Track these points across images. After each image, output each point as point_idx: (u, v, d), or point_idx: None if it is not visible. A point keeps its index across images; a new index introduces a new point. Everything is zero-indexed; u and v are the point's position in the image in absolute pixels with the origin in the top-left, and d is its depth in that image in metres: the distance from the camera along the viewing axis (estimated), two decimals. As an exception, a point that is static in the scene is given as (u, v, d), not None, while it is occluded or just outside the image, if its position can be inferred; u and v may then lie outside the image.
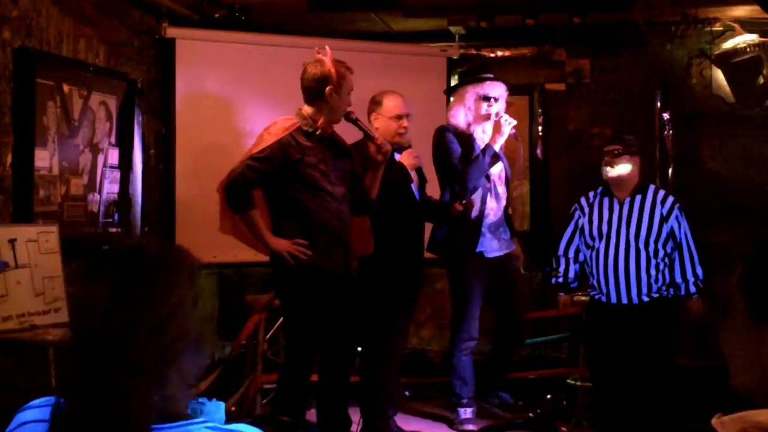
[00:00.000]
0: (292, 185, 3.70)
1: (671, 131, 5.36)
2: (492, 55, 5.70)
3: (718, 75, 5.27)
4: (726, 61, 5.14)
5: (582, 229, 4.30)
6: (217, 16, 4.94)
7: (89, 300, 1.21)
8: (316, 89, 3.72)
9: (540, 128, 5.66)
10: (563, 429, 4.51)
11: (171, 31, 4.80)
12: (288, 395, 3.83)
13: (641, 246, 4.07)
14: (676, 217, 4.12)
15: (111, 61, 4.35)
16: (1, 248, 3.32)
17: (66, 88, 3.89)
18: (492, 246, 4.56)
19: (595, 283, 4.20)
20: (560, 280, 4.40)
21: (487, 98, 4.49)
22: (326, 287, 3.73)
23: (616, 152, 4.16)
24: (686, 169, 5.45)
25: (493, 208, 4.55)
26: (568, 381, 4.97)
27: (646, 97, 5.48)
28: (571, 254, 4.35)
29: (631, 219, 4.13)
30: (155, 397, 1.17)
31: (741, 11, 4.99)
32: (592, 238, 4.22)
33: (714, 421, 1.10)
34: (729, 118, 5.30)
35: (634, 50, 5.52)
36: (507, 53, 5.69)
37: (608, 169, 4.18)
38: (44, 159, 3.73)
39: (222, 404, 1.24)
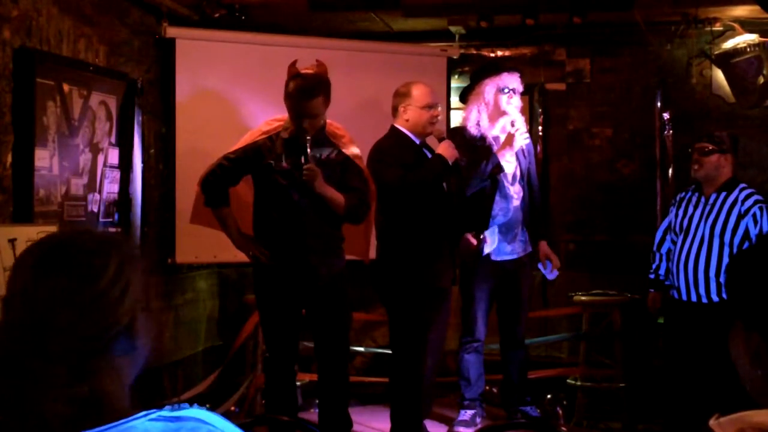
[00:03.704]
0: (262, 188, 3.76)
1: (671, 131, 5.36)
2: (492, 55, 5.69)
3: (718, 75, 5.27)
4: (726, 61, 5.13)
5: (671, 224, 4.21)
6: (217, 16, 4.94)
7: (12, 287, 1.18)
8: None
9: (540, 128, 5.66)
10: (563, 429, 4.50)
11: (171, 31, 4.79)
12: (271, 392, 3.91)
13: (716, 240, 3.93)
14: (754, 215, 3.96)
15: (111, 61, 4.34)
16: (1, 248, 3.32)
17: (66, 87, 3.89)
18: (501, 248, 4.42)
19: (673, 279, 4.09)
20: (652, 276, 4.28)
21: (505, 90, 4.41)
22: (282, 290, 3.74)
23: (705, 150, 4.06)
24: (686, 168, 5.42)
25: (503, 209, 4.40)
26: (568, 381, 4.97)
27: (646, 97, 5.47)
28: (663, 250, 4.24)
29: (710, 214, 4.01)
30: (84, 389, 1.12)
31: (741, 11, 4.99)
32: (676, 234, 4.13)
33: (712, 422, 1.09)
34: (729, 118, 5.29)
35: (634, 50, 5.51)
36: (507, 53, 5.68)
37: (695, 167, 4.10)
38: (44, 159, 3.72)
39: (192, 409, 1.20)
